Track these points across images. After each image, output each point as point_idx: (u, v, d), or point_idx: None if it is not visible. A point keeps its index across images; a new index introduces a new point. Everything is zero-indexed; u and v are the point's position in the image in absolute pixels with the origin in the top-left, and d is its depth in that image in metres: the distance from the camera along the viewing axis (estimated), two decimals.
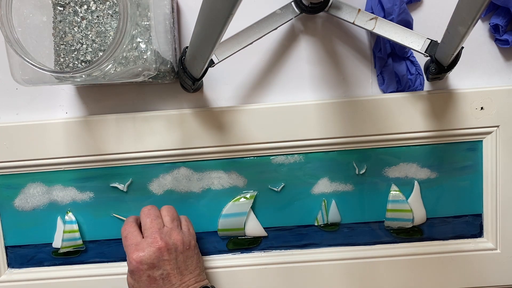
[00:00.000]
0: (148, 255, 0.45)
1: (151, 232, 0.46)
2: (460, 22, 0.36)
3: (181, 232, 0.48)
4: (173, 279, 0.45)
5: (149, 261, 0.45)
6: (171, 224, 0.48)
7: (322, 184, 0.54)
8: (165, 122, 0.52)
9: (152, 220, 0.47)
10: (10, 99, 0.54)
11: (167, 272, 0.45)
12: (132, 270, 0.45)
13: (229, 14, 0.30)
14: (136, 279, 0.45)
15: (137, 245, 0.46)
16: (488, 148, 0.52)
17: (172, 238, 0.46)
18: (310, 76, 0.53)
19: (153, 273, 0.45)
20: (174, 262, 0.46)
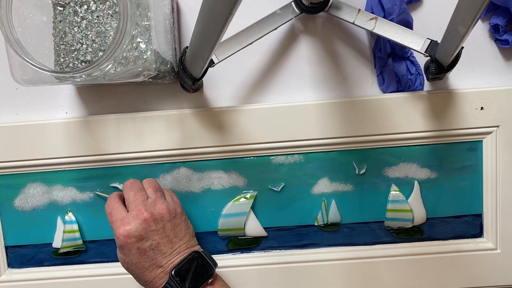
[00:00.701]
0: (134, 227, 0.44)
1: (135, 205, 0.46)
2: (460, 22, 0.36)
3: (165, 201, 0.47)
4: (164, 248, 0.45)
5: (137, 233, 0.44)
6: (154, 195, 0.48)
7: (322, 184, 0.54)
8: (165, 122, 0.52)
9: (136, 193, 0.47)
10: (10, 99, 0.54)
11: (156, 242, 0.45)
12: (120, 245, 0.45)
13: (229, 14, 0.30)
14: (126, 253, 0.45)
15: (123, 219, 0.45)
16: (488, 148, 0.52)
17: (157, 208, 0.46)
18: (310, 76, 0.53)
19: (142, 245, 0.44)
20: (162, 231, 0.45)
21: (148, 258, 0.45)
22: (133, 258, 0.45)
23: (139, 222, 0.45)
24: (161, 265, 0.45)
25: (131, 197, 0.47)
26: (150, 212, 0.45)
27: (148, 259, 0.45)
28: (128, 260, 0.45)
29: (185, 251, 0.46)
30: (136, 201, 0.46)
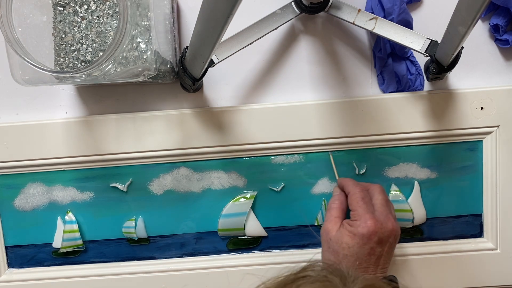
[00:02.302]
0: (383, 230, 0.44)
1: (385, 210, 0.46)
2: (460, 22, 0.36)
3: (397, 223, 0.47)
4: (381, 261, 0.45)
5: (381, 236, 0.44)
6: (393, 213, 0.48)
7: (322, 184, 0.54)
8: (165, 122, 0.52)
9: (387, 200, 0.47)
10: (10, 99, 0.54)
11: (383, 253, 0.45)
12: (362, 234, 0.44)
13: (229, 14, 0.30)
14: (359, 243, 0.44)
15: (374, 213, 0.45)
16: (488, 148, 0.52)
17: (397, 226, 0.46)
18: (310, 76, 0.53)
19: (376, 247, 0.44)
20: (390, 246, 0.45)
21: (369, 261, 0.44)
22: (362, 252, 0.44)
23: (388, 229, 0.44)
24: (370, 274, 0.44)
25: (382, 201, 0.46)
26: (397, 228, 0.45)
27: (369, 262, 0.44)
28: (355, 250, 0.44)
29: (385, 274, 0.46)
30: (387, 208, 0.46)
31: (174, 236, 0.55)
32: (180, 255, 0.55)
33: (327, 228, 0.47)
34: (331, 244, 0.46)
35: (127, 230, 0.54)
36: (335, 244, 0.45)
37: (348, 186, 0.48)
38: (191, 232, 0.55)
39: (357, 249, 0.44)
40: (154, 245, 0.55)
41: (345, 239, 0.44)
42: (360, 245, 0.44)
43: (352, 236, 0.44)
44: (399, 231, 0.46)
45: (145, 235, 0.54)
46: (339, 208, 0.48)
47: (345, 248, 0.44)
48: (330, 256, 0.46)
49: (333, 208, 0.48)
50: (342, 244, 0.45)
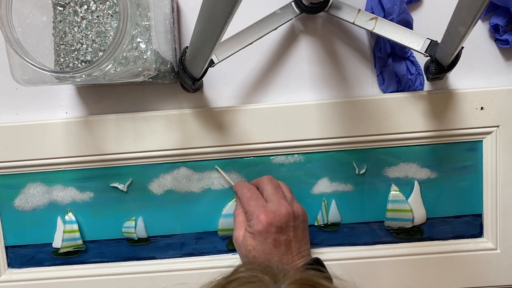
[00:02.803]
0: (279, 218, 0.44)
1: (276, 197, 0.46)
2: (460, 22, 0.36)
3: (299, 203, 0.48)
4: (293, 247, 0.45)
5: (279, 224, 0.44)
6: (290, 195, 0.48)
7: (322, 184, 0.54)
8: (165, 122, 0.52)
9: (276, 187, 0.47)
10: (10, 99, 0.54)
11: (290, 238, 0.45)
12: (259, 231, 0.44)
13: (229, 14, 0.30)
14: (260, 240, 0.44)
15: (265, 207, 0.45)
16: (488, 148, 0.52)
17: (295, 207, 0.46)
18: (310, 76, 0.53)
19: (279, 237, 0.44)
20: (297, 229, 0.46)
21: (279, 252, 0.44)
22: (266, 247, 0.44)
23: (283, 215, 0.45)
24: (286, 264, 0.45)
25: (272, 190, 0.47)
26: (292, 209, 0.45)
27: (279, 253, 0.44)
28: (260, 248, 0.45)
29: (307, 257, 0.46)
30: (277, 194, 0.47)
31: (174, 236, 0.55)
32: (180, 255, 0.55)
33: (235, 236, 0.47)
34: (241, 250, 0.46)
35: (127, 230, 0.54)
36: (243, 249, 0.46)
37: (238, 191, 0.49)
38: (191, 232, 0.55)
39: (261, 246, 0.44)
40: (154, 245, 0.55)
41: (249, 241, 0.45)
42: (262, 241, 0.44)
43: (252, 236, 0.45)
44: (300, 210, 0.46)
45: (145, 235, 0.54)
46: (241, 213, 0.48)
47: (251, 250, 0.45)
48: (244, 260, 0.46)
49: (236, 215, 0.48)
50: (248, 247, 0.45)
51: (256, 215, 0.45)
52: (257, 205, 0.46)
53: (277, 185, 0.48)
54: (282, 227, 0.44)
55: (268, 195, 0.47)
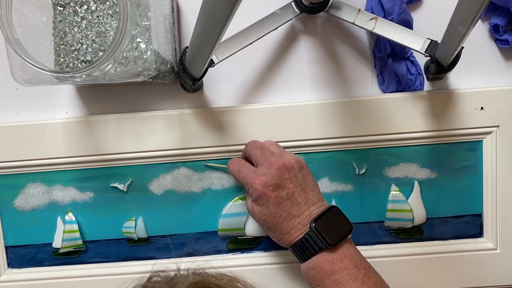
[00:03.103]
0: (270, 176, 0.44)
1: (264, 158, 0.46)
2: (460, 22, 0.36)
3: (290, 154, 0.48)
4: (298, 197, 0.45)
5: (273, 182, 0.44)
6: (278, 149, 0.48)
7: (322, 184, 0.54)
8: (165, 122, 0.52)
9: (261, 148, 0.47)
10: (10, 99, 0.54)
11: (291, 191, 0.45)
12: (258, 196, 0.45)
13: (229, 14, 0.30)
14: (264, 203, 0.45)
15: (255, 172, 0.45)
16: (488, 148, 0.52)
17: (286, 159, 0.46)
18: (310, 76, 0.53)
19: (279, 193, 0.44)
20: (295, 179, 0.45)
21: (286, 207, 0.44)
22: (272, 208, 0.44)
23: (273, 171, 0.44)
24: (297, 215, 0.45)
25: (257, 153, 0.47)
26: (281, 162, 0.45)
27: (286, 208, 0.44)
28: (266, 211, 0.45)
29: (319, 203, 0.46)
30: (264, 155, 0.46)
31: (174, 236, 0.55)
32: (180, 255, 0.55)
33: (247, 207, 0.48)
34: (254, 219, 0.47)
35: (127, 230, 0.54)
36: (254, 217, 0.47)
37: (229, 169, 0.50)
38: (191, 232, 0.55)
39: (267, 209, 0.45)
40: (154, 245, 0.55)
41: (255, 209, 0.46)
42: (266, 204, 0.45)
43: (255, 203, 0.46)
44: (292, 161, 0.46)
45: (145, 235, 0.54)
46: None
47: (260, 215, 0.45)
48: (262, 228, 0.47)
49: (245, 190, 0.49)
50: (256, 214, 0.46)
51: (250, 183, 0.45)
52: (247, 173, 0.46)
53: (262, 145, 0.48)
54: (278, 184, 0.44)
55: (256, 160, 0.47)
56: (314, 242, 0.44)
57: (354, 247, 0.46)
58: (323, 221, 0.44)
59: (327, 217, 0.45)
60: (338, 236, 0.44)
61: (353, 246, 0.46)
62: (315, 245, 0.44)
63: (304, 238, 0.44)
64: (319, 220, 0.44)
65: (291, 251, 0.46)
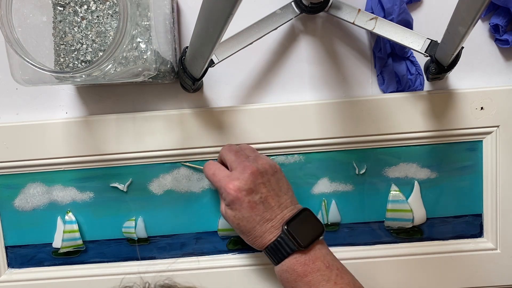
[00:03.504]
0: (244, 181, 0.44)
1: (238, 162, 0.46)
2: (460, 22, 0.36)
3: (265, 158, 0.48)
4: (271, 201, 0.45)
5: (246, 186, 0.44)
6: (253, 154, 0.48)
7: (322, 184, 0.54)
8: (165, 122, 0.52)
9: (236, 153, 0.48)
10: (10, 99, 0.54)
11: (264, 195, 0.45)
12: (232, 201, 0.45)
13: (229, 14, 0.30)
14: (237, 208, 0.45)
15: (229, 176, 0.46)
16: (488, 148, 0.52)
17: (260, 163, 0.46)
18: (310, 76, 0.53)
19: (252, 198, 0.45)
20: (268, 184, 0.46)
21: (259, 211, 0.45)
22: (245, 212, 0.45)
23: (247, 176, 0.45)
24: (270, 219, 0.45)
25: (232, 157, 0.47)
26: (255, 167, 0.45)
27: (259, 212, 0.45)
28: (239, 215, 0.45)
29: (292, 207, 0.46)
30: (238, 159, 0.47)
31: (174, 236, 0.55)
32: (180, 255, 0.55)
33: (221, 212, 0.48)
34: (228, 222, 0.47)
35: (127, 230, 0.54)
36: (228, 221, 0.47)
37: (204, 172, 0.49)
38: (191, 232, 0.55)
39: (240, 213, 0.45)
40: (154, 245, 0.55)
41: (228, 213, 0.46)
42: (239, 209, 0.45)
43: (229, 208, 0.46)
44: (266, 165, 0.46)
45: (145, 235, 0.54)
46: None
47: (233, 219, 0.46)
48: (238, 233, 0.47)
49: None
50: (230, 218, 0.46)
51: (223, 188, 0.45)
52: (221, 177, 0.46)
53: (237, 150, 0.48)
54: (252, 188, 0.45)
55: (230, 164, 0.47)
56: (287, 244, 0.44)
57: (326, 248, 0.46)
58: (295, 224, 0.45)
59: (299, 220, 0.45)
60: (310, 237, 0.45)
61: (325, 247, 0.46)
62: (287, 247, 0.44)
63: (276, 240, 0.44)
64: (291, 223, 0.45)
65: (265, 254, 0.46)
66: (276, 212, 0.45)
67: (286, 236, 0.44)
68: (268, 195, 0.45)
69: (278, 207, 0.45)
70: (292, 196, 0.48)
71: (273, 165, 0.47)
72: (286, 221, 0.45)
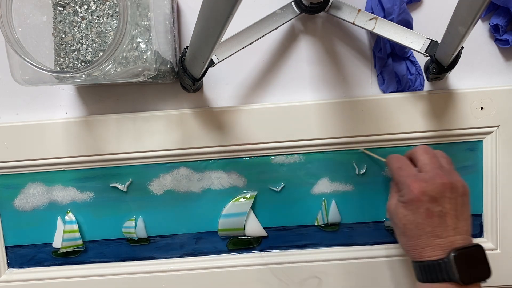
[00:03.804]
0: (432, 187, 0.43)
1: (432, 167, 0.45)
2: (460, 22, 0.36)
3: (459, 175, 0.45)
4: (449, 220, 0.43)
5: (432, 193, 0.43)
6: (448, 166, 0.46)
7: (322, 184, 0.54)
8: (165, 122, 0.52)
9: (432, 157, 0.46)
10: (10, 99, 0.54)
11: (445, 210, 0.43)
12: (411, 200, 0.43)
13: (229, 14, 0.30)
14: (412, 209, 0.43)
15: (416, 176, 0.44)
16: (488, 148, 0.52)
17: (454, 178, 0.44)
18: (310, 76, 0.53)
19: (432, 207, 0.43)
20: (454, 202, 0.43)
21: (433, 223, 0.43)
22: (418, 217, 0.43)
23: (437, 184, 0.43)
24: (440, 237, 0.43)
25: (426, 160, 0.45)
26: (448, 179, 0.43)
27: (432, 224, 0.43)
28: (411, 217, 0.43)
29: (466, 236, 0.44)
30: (432, 164, 0.45)
31: (174, 236, 0.55)
32: (180, 255, 0.55)
33: (387, 206, 0.47)
34: (392, 219, 0.46)
35: (127, 230, 0.54)
36: (394, 217, 0.46)
37: (388, 163, 0.48)
38: (191, 232, 0.55)
39: (412, 215, 0.43)
40: (154, 245, 0.55)
41: (400, 210, 0.44)
42: (414, 210, 0.43)
43: (404, 205, 0.44)
44: (458, 183, 0.44)
45: (145, 235, 0.54)
46: (393, 184, 0.48)
47: (402, 218, 0.44)
48: (396, 231, 0.46)
49: (391, 186, 0.49)
50: (399, 215, 0.44)
51: (407, 184, 0.44)
52: (407, 174, 0.45)
53: (433, 154, 0.46)
54: (436, 197, 0.43)
55: (421, 165, 0.46)
56: (447, 271, 0.42)
57: None
58: (464, 255, 0.42)
59: (469, 253, 0.42)
60: (474, 276, 0.42)
61: None
62: (445, 274, 0.42)
63: (437, 262, 0.42)
64: (461, 252, 0.42)
65: (413, 265, 0.45)
66: (449, 233, 0.43)
67: (451, 263, 0.42)
68: (448, 213, 0.43)
69: (453, 229, 0.43)
70: (469, 225, 0.45)
71: (465, 185, 0.45)
72: (456, 248, 0.42)
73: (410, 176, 0.44)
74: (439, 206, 0.43)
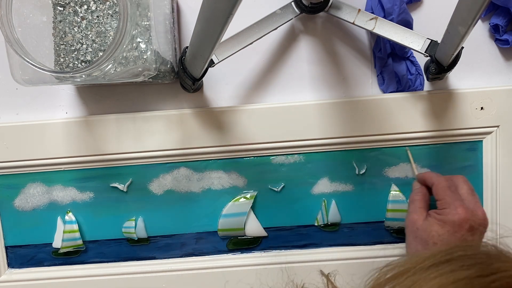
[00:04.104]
0: (475, 218, 0.43)
1: (474, 199, 0.45)
2: (460, 22, 0.36)
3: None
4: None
5: (474, 224, 0.43)
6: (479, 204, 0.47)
7: (322, 184, 0.54)
8: (165, 122, 0.52)
9: (473, 190, 0.46)
10: (10, 99, 0.54)
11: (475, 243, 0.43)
12: (453, 221, 0.43)
13: (229, 14, 0.30)
14: (449, 231, 0.43)
15: (463, 201, 0.45)
16: (488, 148, 0.52)
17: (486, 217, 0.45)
18: (310, 76, 0.53)
19: (468, 236, 0.43)
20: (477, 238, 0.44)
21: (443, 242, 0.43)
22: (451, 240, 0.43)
23: (480, 217, 0.44)
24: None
25: (468, 190, 0.46)
26: (485, 215, 0.45)
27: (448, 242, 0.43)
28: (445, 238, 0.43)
29: None
30: (474, 197, 0.46)
31: (174, 236, 0.55)
32: (180, 255, 0.55)
33: (413, 219, 0.46)
34: (418, 233, 0.45)
35: (127, 230, 0.54)
36: (423, 233, 0.45)
37: (432, 178, 0.48)
38: (191, 232, 0.55)
39: (448, 237, 0.43)
40: (154, 245, 0.55)
41: (435, 227, 0.44)
42: (451, 232, 0.43)
43: (442, 224, 0.44)
44: (487, 222, 0.45)
45: (145, 235, 0.54)
46: (422, 199, 0.48)
47: (435, 237, 0.44)
48: (418, 246, 0.45)
49: (416, 200, 0.48)
50: (432, 233, 0.44)
51: (454, 206, 0.44)
52: (455, 197, 0.45)
53: (473, 188, 0.47)
54: (474, 228, 0.43)
55: (464, 194, 0.46)
56: None
57: None
58: None
59: None
60: None
61: None
62: None
63: None
64: None
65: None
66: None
67: None
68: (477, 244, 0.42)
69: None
70: None
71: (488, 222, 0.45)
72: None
73: (457, 200, 0.45)
74: (472, 237, 0.44)
